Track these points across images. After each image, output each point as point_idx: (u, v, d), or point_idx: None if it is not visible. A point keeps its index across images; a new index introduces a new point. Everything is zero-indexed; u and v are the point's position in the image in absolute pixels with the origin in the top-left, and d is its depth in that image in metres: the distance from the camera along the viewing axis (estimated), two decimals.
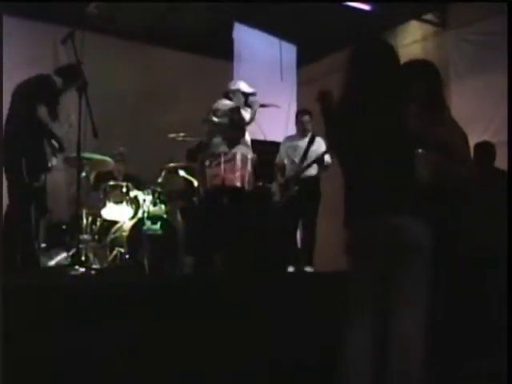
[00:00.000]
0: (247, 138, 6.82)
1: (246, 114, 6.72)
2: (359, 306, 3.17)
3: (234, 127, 6.63)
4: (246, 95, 6.83)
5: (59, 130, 6.09)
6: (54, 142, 6.08)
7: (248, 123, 6.76)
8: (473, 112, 8.05)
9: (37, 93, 5.91)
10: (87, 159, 6.74)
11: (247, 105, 6.80)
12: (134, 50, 9.53)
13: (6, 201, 5.83)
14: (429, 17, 9.29)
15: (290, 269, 7.07)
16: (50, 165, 6.08)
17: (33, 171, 5.81)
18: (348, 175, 3.29)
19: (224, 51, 9.44)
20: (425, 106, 3.33)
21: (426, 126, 3.17)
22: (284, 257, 7.15)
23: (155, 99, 9.38)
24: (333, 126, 3.41)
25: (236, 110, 6.65)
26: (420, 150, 3.14)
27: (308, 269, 7.14)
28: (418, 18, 9.37)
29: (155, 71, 9.51)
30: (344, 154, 3.33)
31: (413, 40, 9.58)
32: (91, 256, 6.68)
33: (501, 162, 6.35)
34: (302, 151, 7.41)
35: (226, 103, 6.73)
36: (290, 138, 7.85)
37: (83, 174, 6.61)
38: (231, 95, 6.84)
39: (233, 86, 6.93)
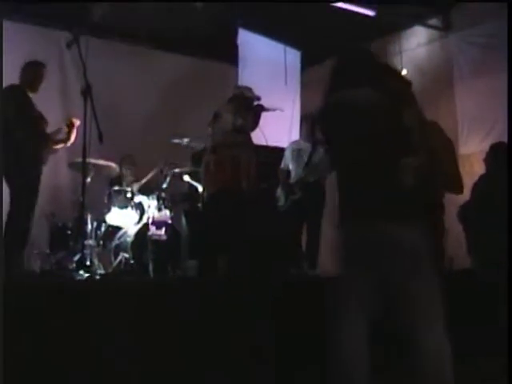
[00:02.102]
0: (251, 142, 6.80)
1: (250, 118, 6.70)
2: (350, 307, 3.20)
3: (237, 132, 6.61)
4: (250, 100, 6.81)
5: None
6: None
7: (251, 128, 6.74)
8: (477, 114, 8.06)
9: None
10: (92, 165, 6.76)
11: (251, 109, 6.78)
12: (138, 54, 9.55)
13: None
14: (433, 21, 9.30)
15: (294, 272, 7.06)
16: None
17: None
18: (343, 179, 3.33)
19: (229, 56, 9.47)
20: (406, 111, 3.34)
21: (414, 129, 3.20)
22: (288, 260, 7.14)
23: (160, 103, 9.39)
24: (325, 133, 3.48)
25: (239, 115, 6.63)
26: (404, 159, 3.14)
27: (312, 272, 7.13)
28: (422, 22, 9.37)
29: (160, 75, 9.53)
30: (339, 156, 3.36)
31: (417, 44, 9.58)
32: (96, 261, 6.68)
33: None
34: (306, 156, 7.41)
35: (230, 108, 6.71)
36: (295, 143, 7.85)
37: (88, 179, 6.60)
38: (235, 100, 6.82)
39: (236, 91, 6.92)
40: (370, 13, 8.83)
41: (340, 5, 8.59)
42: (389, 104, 3.19)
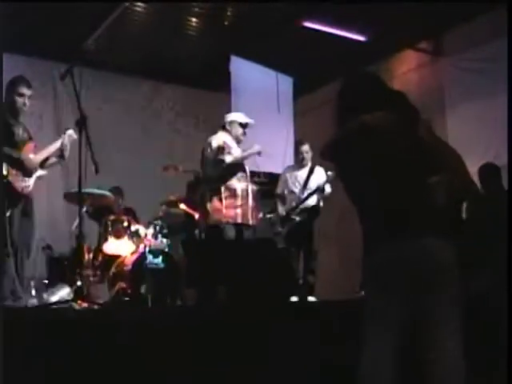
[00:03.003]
0: (246, 170, 6.81)
1: (237, 150, 6.69)
2: (381, 330, 3.15)
3: (230, 162, 6.60)
4: (244, 126, 6.83)
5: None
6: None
7: (229, 167, 6.66)
8: (469, 138, 8.10)
9: None
10: (88, 194, 6.76)
11: (243, 137, 6.80)
12: (130, 84, 9.61)
13: None
14: (423, 45, 9.38)
15: (293, 299, 7.05)
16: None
17: None
18: (367, 199, 3.28)
19: (221, 84, 9.52)
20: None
21: (433, 146, 3.21)
22: (286, 287, 7.13)
23: (153, 133, 9.45)
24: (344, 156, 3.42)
25: (231, 144, 6.65)
26: (433, 178, 3.14)
27: (311, 298, 7.13)
28: (413, 46, 9.45)
29: (153, 104, 9.59)
30: (362, 184, 3.33)
31: (408, 69, 9.66)
32: (93, 291, 6.67)
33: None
34: (302, 181, 7.45)
35: (222, 137, 6.71)
36: (290, 168, 7.89)
37: (84, 208, 6.59)
38: (228, 127, 6.84)
39: (230, 118, 6.93)
40: (362, 38, 8.92)
41: (331, 30, 8.67)
42: (406, 125, 3.20)
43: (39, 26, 8.32)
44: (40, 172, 5.76)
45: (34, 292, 6.59)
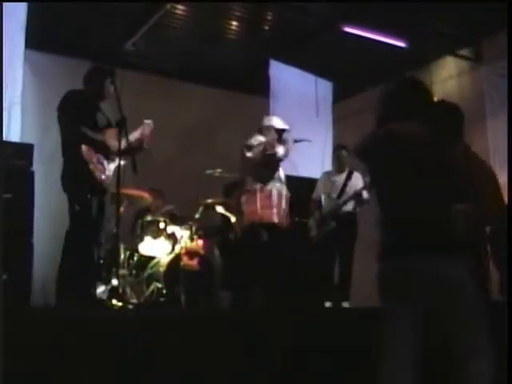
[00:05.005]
0: (282, 174, 6.80)
1: (279, 149, 6.67)
2: (395, 340, 3.15)
3: (267, 163, 6.60)
4: (280, 131, 6.79)
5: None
6: None
7: (280, 159, 6.72)
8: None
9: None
10: (125, 195, 6.79)
11: (280, 141, 6.76)
12: (170, 87, 9.66)
13: None
14: (464, 52, 9.30)
15: (327, 304, 7.03)
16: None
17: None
18: (386, 210, 3.29)
19: (260, 88, 9.53)
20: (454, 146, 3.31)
21: (461, 168, 3.19)
22: (321, 292, 7.12)
23: (192, 136, 9.47)
24: (371, 166, 3.44)
25: (268, 148, 6.62)
26: (458, 206, 3.10)
27: (345, 304, 7.10)
28: (453, 53, 9.38)
29: (192, 108, 9.62)
30: (384, 191, 3.33)
31: (448, 75, 9.58)
32: (128, 291, 6.71)
33: None
34: (339, 186, 7.41)
35: (259, 139, 6.71)
36: (327, 174, 7.85)
37: (121, 209, 6.61)
38: (264, 131, 6.80)
39: (266, 122, 6.90)
40: (402, 44, 8.87)
41: (371, 35, 8.63)
42: (438, 140, 3.16)
43: (81, 28, 8.44)
44: (119, 161, 5.56)
45: None
